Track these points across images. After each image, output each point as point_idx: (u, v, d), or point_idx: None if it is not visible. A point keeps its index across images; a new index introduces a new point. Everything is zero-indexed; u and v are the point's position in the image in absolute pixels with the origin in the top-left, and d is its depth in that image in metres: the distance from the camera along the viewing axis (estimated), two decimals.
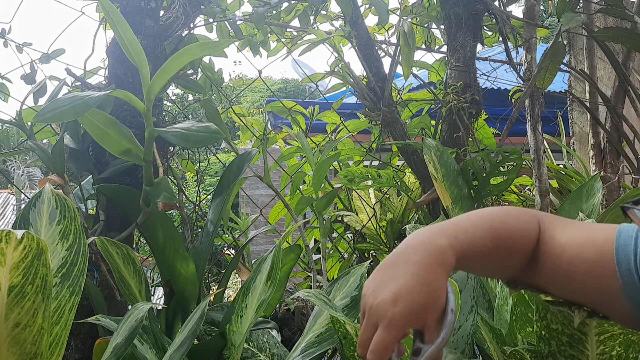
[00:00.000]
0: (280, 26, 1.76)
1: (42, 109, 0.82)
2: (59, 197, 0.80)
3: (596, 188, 1.50)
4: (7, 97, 1.28)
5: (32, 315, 0.63)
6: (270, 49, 1.79)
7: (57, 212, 0.79)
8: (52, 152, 1.05)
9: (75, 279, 0.74)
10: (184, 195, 1.38)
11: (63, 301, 0.72)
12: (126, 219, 1.08)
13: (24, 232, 0.60)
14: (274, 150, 1.96)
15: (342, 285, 1.04)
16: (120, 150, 0.91)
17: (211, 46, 1.00)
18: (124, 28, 0.79)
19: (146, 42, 1.13)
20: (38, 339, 0.64)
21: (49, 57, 1.29)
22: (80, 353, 1.07)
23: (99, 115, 0.87)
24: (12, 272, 0.60)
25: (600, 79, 2.28)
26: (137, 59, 0.81)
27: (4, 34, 1.30)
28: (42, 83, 1.22)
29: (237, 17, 1.44)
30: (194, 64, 1.34)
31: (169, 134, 0.88)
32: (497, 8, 1.69)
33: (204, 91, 1.40)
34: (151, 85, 0.83)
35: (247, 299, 0.90)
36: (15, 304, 0.61)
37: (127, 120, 1.09)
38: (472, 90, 1.58)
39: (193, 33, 1.29)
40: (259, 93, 11.81)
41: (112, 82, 1.14)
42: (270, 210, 1.75)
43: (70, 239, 0.77)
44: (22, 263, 0.61)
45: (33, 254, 0.61)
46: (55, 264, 0.74)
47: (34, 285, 0.62)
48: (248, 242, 1.30)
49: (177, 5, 1.20)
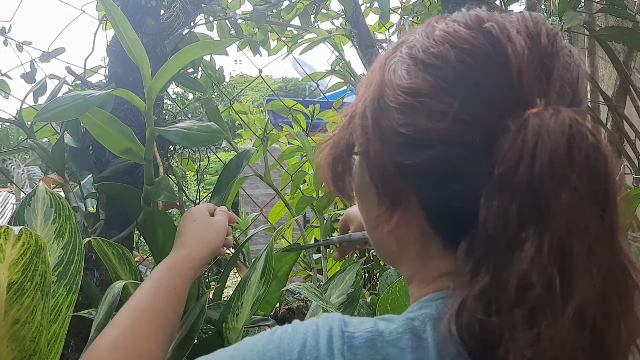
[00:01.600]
0: (281, 25, 1.76)
1: (42, 107, 0.82)
2: (54, 196, 0.80)
3: None
4: (7, 94, 1.27)
5: (32, 312, 0.63)
6: (270, 48, 1.79)
7: (52, 211, 0.79)
8: (52, 150, 1.05)
9: (72, 277, 0.74)
10: (184, 194, 1.38)
11: (60, 299, 0.73)
12: (126, 218, 1.08)
13: (22, 228, 0.60)
14: (275, 149, 1.95)
15: (337, 283, 1.04)
16: (120, 149, 0.91)
17: (212, 45, 0.99)
18: (125, 27, 0.79)
19: (147, 41, 1.13)
20: (37, 335, 0.64)
21: (49, 56, 1.29)
22: (80, 352, 1.07)
23: (100, 114, 0.87)
24: (11, 269, 0.61)
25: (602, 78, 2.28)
26: (138, 58, 0.81)
27: (4, 32, 1.30)
28: (42, 82, 1.21)
29: (237, 15, 1.44)
30: (195, 63, 1.34)
31: (170, 133, 0.88)
32: (499, 7, 1.69)
33: (204, 90, 1.39)
34: (152, 84, 0.83)
35: (243, 297, 0.91)
36: (15, 300, 0.61)
37: (128, 119, 1.09)
38: None
39: (194, 32, 1.29)
40: (259, 92, 11.80)
41: (112, 80, 1.14)
42: (270, 210, 1.75)
43: (65, 237, 0.77)
44: (21, 260, 0.61)
45: (32, 250, 0.61)
46: (51, 262, 0.74)
47: (33, 282, 0.62)
48: (247, 240, 1.30)
49: (178, 4, 1.19)
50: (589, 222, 0.38)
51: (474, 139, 0.41)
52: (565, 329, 0.36)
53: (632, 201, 1.48)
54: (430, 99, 0.43)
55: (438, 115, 0.42)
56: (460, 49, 0.43)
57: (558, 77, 0.43)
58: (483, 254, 0.39)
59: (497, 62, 0.42)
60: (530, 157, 0.38)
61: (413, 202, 0.46)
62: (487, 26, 0.44)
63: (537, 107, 0.40)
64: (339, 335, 0.42)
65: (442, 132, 0.42)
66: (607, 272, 0.38)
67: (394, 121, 0.45)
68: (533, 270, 0.36)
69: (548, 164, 0.37)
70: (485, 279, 0.38)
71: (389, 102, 0.46)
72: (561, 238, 0.37)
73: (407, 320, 0.44)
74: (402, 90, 0.45)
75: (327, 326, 0.43)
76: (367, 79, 0.51)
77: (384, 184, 0.47)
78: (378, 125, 0.46)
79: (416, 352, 0.41)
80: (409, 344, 0.41)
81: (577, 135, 0.38)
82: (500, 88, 0.42)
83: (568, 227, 0.37)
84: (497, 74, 0.42)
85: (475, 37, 0.43)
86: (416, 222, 0.47)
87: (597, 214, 0.38)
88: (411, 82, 0.45)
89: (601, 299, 0.37)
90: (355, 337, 0.41)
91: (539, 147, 0.38)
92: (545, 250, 0.37)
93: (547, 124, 0.38)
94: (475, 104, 0.42)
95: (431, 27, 0.47)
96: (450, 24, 0.46)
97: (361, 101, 0.49)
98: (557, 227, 0.37)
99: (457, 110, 0.42)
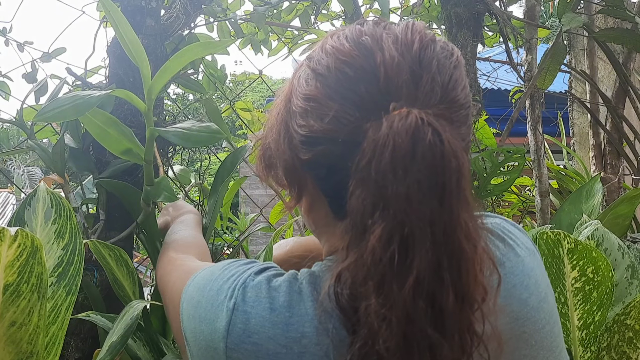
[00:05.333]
0: (281, 26, 1.76)
1: (42, 108, 0.82)
2: (54, 196, 0.80)
3: (596, 189, 1.50)
4: (8, 96, 1.28)
5: (28, 314, 0.63)
6: (271, 48, 1.79)
7: (52, 211, 0.79)
8: (52, 151, 1.05)
9: (72, 278, 0.74)
10: (184, 194, 1.38)
11: (59, 301, 0.72)
12: (126, 219, 1.08)
13: (18, 229, 0.60)
14: None
15: None
16: (120, 150, 0.91)
17: (213, 46, 1.00)
18: (125, 28, 0.79)
19: (147, 42, 1.13)
20: (34, 338, 0.64)
21: (49, 56, 1.29)
22: (80, 352, 1.07)
23: (100, 114, 0.87)
24: (7, 271, 0.60)
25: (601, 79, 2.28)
26: (139, 59, 0.81)
27: (5, 32, 1.30)
28: (42, 82, 1.22)
29: (237, 16, 1.44)
30: (194, 64, 1.34)
31: (170, 133, 0.88)
32: (498, 8, 1.69)
33: (204, 91, 1.40)
34: (152, 85, 0.83)
35: None
36: (11, 302, 0.61)
37: (128, 120, 1.09)
38: (472, 91, 1.57)
39: (194, 33, 1.29)
40: (259, 93, 11.81)
41: (112, 81, 1.14)
42: (270, 210, 1.75)
43: (66, 238, 0.77)
44: (17, 261, 0.61)
45: (28, 252, 0.61)
46: (51, 264, 0.74)
47: (29, 284, 0.62)
48: (244, 239, 1.31)
49: (178, 5, 1.19)
50: (425, 208, 0.44)
51: (346, 137, 0.50)
52: (407, 295, 0.43)
53: (632, 201, 1.48)
54: (318, 103, 0.52)
55: (322, 117, 0.51)
56: (341, 60, 0.52)
57: (428, 80, 0.50)
58: (352, 235, 0.47)
59: (368, 70, 0.50)
60: (378, 155, 0.45)
61: (316, 190, 0.56)
62: (363, 40, 0.52)
63: (396, 110, 0.47)
64: (244, 279, 0.54)
65: (325, 132, 0.51)
66: (442, 247, 0.44)
67: (295, 123, 0.54)
68: (379, 249, 0.44)
69: (390, 161, 0.45)
70: (352, 255, 0.46)
71: (294, 107, 0.55)
72: (400, 222, 0.44)
73: (292, 273, 0.54)
74: (301, 96, 0.54)
75: (245, 270, 0.56)
76: (283, 87, 0.60)
77: (290, 177, 0.58)
78: (286, 128, 0.56)
79: (288, 295, 0.52)
80: (285, 289, 0.52)
81: (418, 134, 0.45)
82: (370, 93, 0.50)
83: (406, 212, 0.44)
84: (367, 81, 0.50)
85: (352, 49, 0.52)
86: (320, 206, 0.57)
87: (435, 201, 0.45)
88: (307, 89, 0.54)
89: (436, 269, 0.44)
90: (253, 281, 0.54)
91: (385, 146, 0.45)
92: (387, 232, 0.44)
93: (395, 125, 0.45)
94: (349, 107, 0.50)
95: (326, 40, 0.56)
96: (337, 39, 0.54)
97: (276, 107, 0.59)
98: (397, 212, 0.44)
99: (335, 112, 0.50)
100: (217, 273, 0.57)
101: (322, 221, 0.59)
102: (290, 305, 0.51)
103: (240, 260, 0.59)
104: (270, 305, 0.51)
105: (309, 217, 0.61)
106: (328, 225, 0.58)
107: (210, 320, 0.53)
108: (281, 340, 0.50)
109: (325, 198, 0.56)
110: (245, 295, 0.52)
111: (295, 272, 0.55)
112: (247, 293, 0.52)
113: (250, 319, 0.51)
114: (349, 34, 0.54)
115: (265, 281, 0.53)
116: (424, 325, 0.43)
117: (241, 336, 0.51)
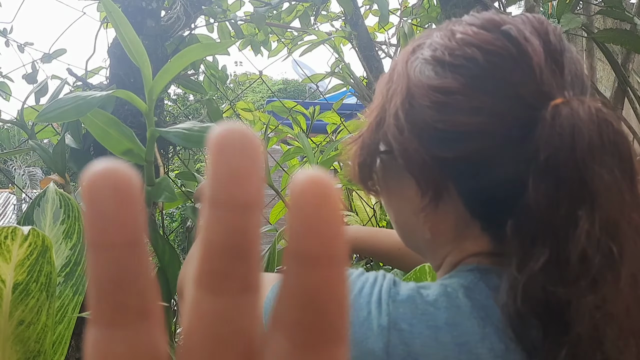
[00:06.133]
0: (281, 27, 1.77)
1: (44, 108, 0.82)
2: (63, 197, 0.80)
3: None
4: (8, 96, 1.28)
5: (37, 313, 0.63)
6: (271, 49, 1.80)
7: (61, 212, 0.79)
8: (53, 151, 1.05)
9: (79, 278, 0.75)
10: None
11: (66, 300, 0.73)
12: None
13: (31, 228, 0.60)
14: (275, 150, 1.96)
15: None
16: (121, 150, 0.91)
17: (213, 47, 1.00)
18: (126, 28, 0.80)
19: (147, 43, 1.13)
20: (42, 336, 0.64)
21: (50, 57, 1.30)
22: (82, 352, 1.08)
23: (101, 115, 0.88)
24: (17, 269, 0.61)
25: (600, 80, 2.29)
26: (139, 59, 0.82)
27: (6, 33, 1.30)
28: (43, 83, 1.22)
29: (238, 17, 1.45)
30: (195, 65, 1.34)
31: (171, 134, 0.88)
32: (497, 9, 1.69)
33: (205, 91, 1.40)
34: (153, 86, 0.84)
35: None
36: (20, 301, 0.62)
37: (129, 120, 1.09)
38: None
39: (194, 33, 1.30)
40: (259, 94, 11.81)
41: (113, 82, 1.15)
42: (270, 210, 1.75)
43: (74, 238, 0.77)
44: (27, 260, 0.61)
45: (38, 251, 0.62)
46: (59, 263, 0.74)
47: (38, 283, 0.63)
48: None
49: (179, 6, 1.20)
50: (625, 195, 0.43)
51: (510, 129, 0.46)
52: (625, 290, 0.41)
53: None
54: (461, 96, 0.47)
55: (473, 111, 0.47)
56: (485, 50, 0.48)
57: (568, 72, 0.48)
58: (537, 232, 0.43)
59: (520, 60, 0.47)
60: (571, 143, 0.42)
61: (451, 191, 0.50)
62: (505, 29, 0.48)
63: (561, 98, 0.45)
64: (387, 291, 0.47)
65: (479, 126, 0.46)
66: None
67: (428, 118, 0.48)
68: (591, 243, 0.41)
69: (588, 149, 0.42)
70: (545, 254, 0.42)
71: (421, 101, 0.49)
72: (608, 212, 0.42)
73: (441, 286, 0.48)
74: (432, 89, 0.49)
75: (380, 282, 0.49)
76: (387, 83, 0.54)
77: (425, 177, 0.51)
78: (413, 124, 0.50)
79: (449, 311, 0.46)
80: (444, 304, 0.46)
81: (603, 122, 0.43)
82: (526, 83, 0.46)
83: (612, 201, 0.42)
84: (521, 71, 0.46)
85: (497, 39, 0.48)
86: (453, 209, 0.51)
87: (628, 188, 0.43)
88: (441, 81, 0.49)
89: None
90: (399, 294, 0.47)
91: (577, 133, 0.42)
92: (597, 224, 0.41)
93: (578, 113, 0.43)
94: (507, 98, 0.46)
95: (450, 31, 0.51)
96: (469, 28, 0.50)
97: (390, 104, 0.52)
98: (604, 203, 0.42)
99: (491, 105, 0.46)
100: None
101: (449, 227, 0.52)
102: (455, 323, 0.45)
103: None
104: (434, 324, 0.45)
105: (426, 224, 0.53)
106: (457, 229, 0.52)
107: (357, 341, 0.45)
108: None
109: (460, 199, 0.50)
110: (397, 310, 0.45)
111: (444, 284, 0.49)
112: (398, 308, 0.46)
113: (414, 339, 0.44)
114: (479, 24, 0.50)
115: (417, 295, 0.47)
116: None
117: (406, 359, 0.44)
